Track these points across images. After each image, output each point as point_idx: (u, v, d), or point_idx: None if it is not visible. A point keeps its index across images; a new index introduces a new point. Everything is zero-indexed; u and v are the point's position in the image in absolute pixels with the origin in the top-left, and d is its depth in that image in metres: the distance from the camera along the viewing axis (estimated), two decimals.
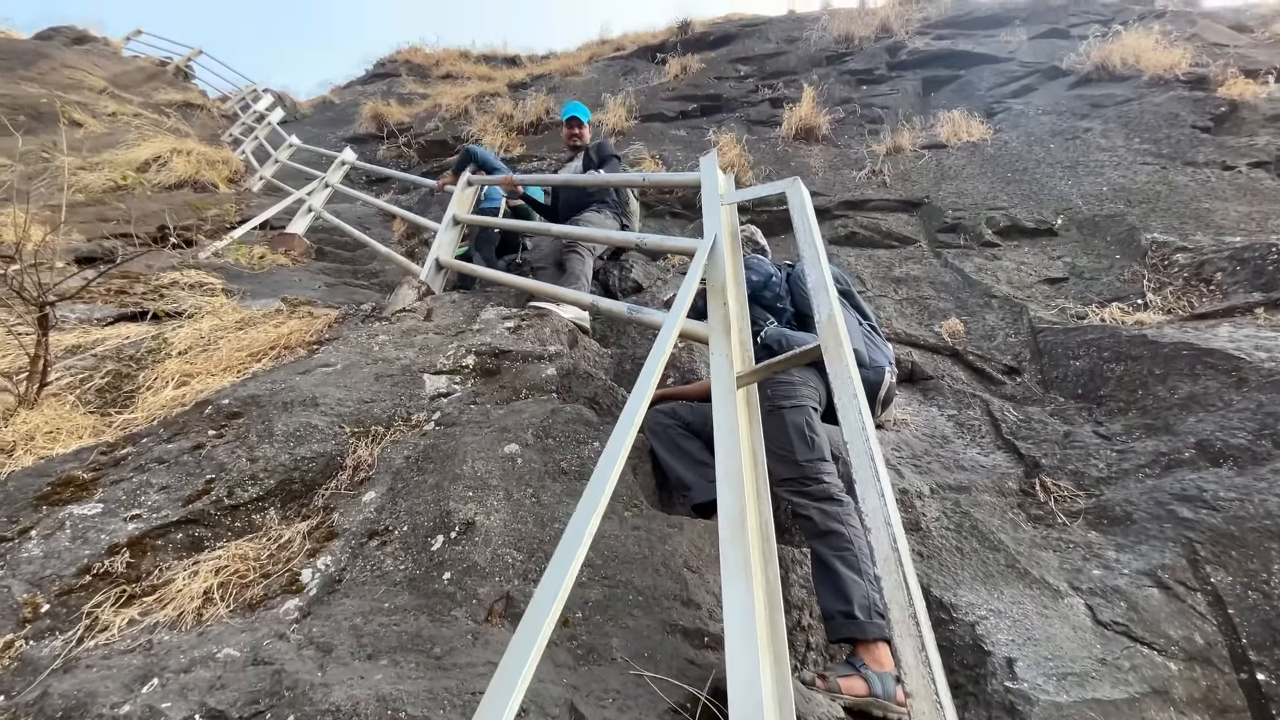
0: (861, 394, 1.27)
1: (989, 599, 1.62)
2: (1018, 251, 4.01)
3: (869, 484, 1.13)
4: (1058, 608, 1.61)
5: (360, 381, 2.18)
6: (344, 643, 1.19)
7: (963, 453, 2.43)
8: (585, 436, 1.87)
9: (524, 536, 1.48)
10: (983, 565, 1.76)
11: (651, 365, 1.35)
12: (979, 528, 1.91)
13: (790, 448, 1.71)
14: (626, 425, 1.19)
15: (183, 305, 3.67)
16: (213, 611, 1.33)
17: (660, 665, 1.20)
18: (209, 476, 1.67)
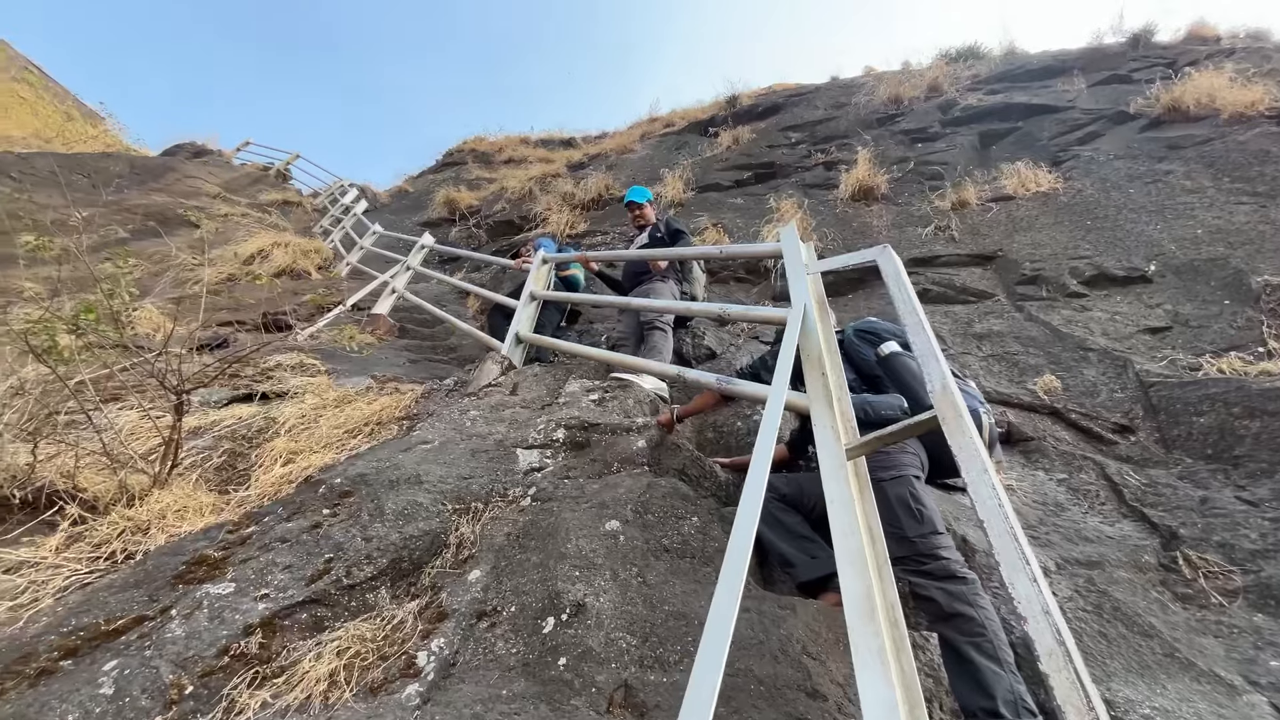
0: (992, 467, 1.21)
1: (1150, 695, 1.45)
2: (1109, 301, 3.82)
3: (1017, 568, 1.05)
4: (1236, 706, 1.41)
5: (458, 458, 2.26)
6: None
7: (1083, 521, 2.24)
8: (683, 511, 1.85)
9: (636, 619, 1.45)
10: (1135, 654, 1.58)
11: (765, 443, 1.34)
12: (1122, 609, 1.73)
13: (898, 523, 1.63)
14: (750, 512, 1.17)
15: (286, 385, 3.95)
16: (338, 695, 1.35)
17: None
18: (328, 556, 1.74)
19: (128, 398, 3.62)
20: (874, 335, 2.10)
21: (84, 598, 1.81)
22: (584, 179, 9.49)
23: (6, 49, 21.45)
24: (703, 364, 3.52)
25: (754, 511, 1.16)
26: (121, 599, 1.72)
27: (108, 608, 1.68)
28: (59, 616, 1.71)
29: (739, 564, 1.06)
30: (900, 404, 1.85)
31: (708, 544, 1.74)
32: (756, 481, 1.23)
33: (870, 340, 2.10)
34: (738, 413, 2.84)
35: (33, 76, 21.54)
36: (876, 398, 1.86)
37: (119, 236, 8.14)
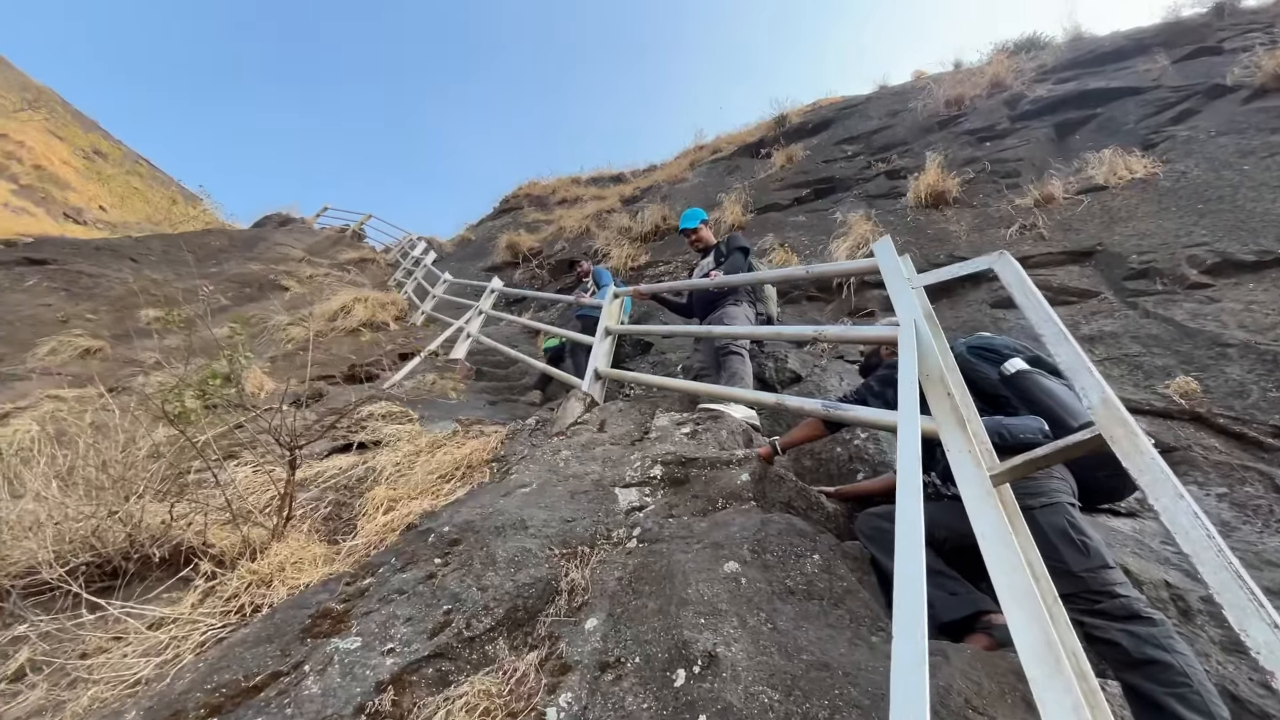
0: (1186, 493, 1.06)
1: None
2: (1240, 289, 3.44)
3: (1247, 610, 0.90)
4: None
5: (558, 500, 2.24)
6: None
7: (1260, 543, 1.96)
8: (803, 549, 1.74)
9: (774, 671, 1.36)
10: None
11: (909, 477, 1.23)
12: None
13: (1059, 556, 1.47)
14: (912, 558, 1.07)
15: (380, 434, 4.12)
16: None
17: None
18: (446, 607, 1.73)
19: (242, 454, 3.87)
20: (993, 352, 1.95)
21: (221, 653, 1.89)
22: (639, 211, 9.62)
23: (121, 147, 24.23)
24: (788, 388, 3.40)
25: (916, 557, 1.06)
26: (256, 654, 1.77)
27: (245, 664, 1.73)
28: (201, 673, 1.78)
29: (914, 622, 0.96)
30: (1040, 427, 1.68)
31: (834, 584, 1.63)
32: (911, 521, 1.13)
33: (989, 358, 1.94)
34: (836, 438, 2.70)
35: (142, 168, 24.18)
36: (1012, 420, 1.71)
37: (222, 304, 8.88)
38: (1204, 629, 1.60)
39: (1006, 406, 1.83)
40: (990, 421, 1.69)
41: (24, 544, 2.36)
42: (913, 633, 0.91)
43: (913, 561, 1.04)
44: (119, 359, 6.22)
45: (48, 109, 21.67)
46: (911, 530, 1.10)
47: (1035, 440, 1.62)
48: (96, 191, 18.96)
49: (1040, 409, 1.71)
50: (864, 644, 1.44)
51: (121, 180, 21.18)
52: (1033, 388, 1.75)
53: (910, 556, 1.05)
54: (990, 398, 1.86)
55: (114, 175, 21.02)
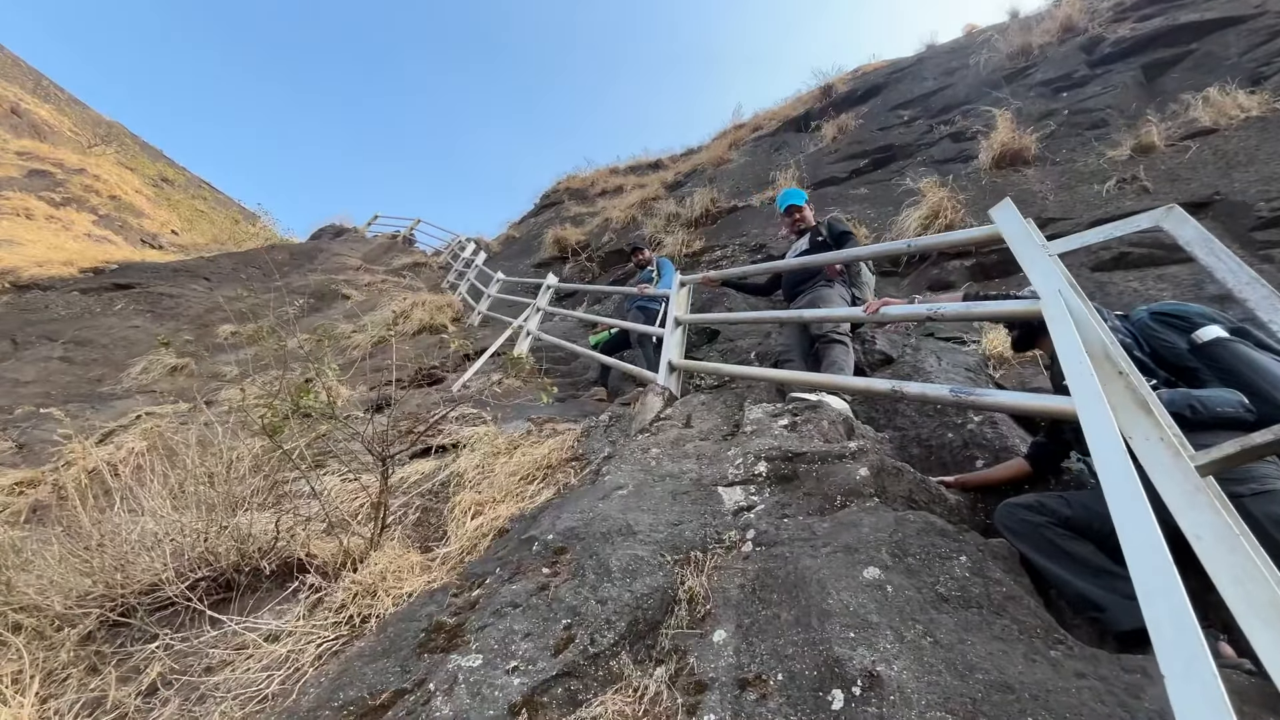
0: None
1: None
2: None
3: None
4: None
5: (660, 503, 2.15)
6: None
7: None
8: (946, 550, 1.58)
9: (949, 694, 1.22)
10: None
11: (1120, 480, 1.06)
12: None
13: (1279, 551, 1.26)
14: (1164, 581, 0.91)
15: (457, 437, 4.14)
16: None
17: None
18: (566, 621, 1.67)
19: (327, 463, 3.95)
20: (1182, 319, 1.74)
21: (340, 667, 1.88)
22: (686, 197, 9.42)
23: (185, 173, 25.59)
24: (878, 371, 3.20)
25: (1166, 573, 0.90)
26: (376, 670, 1.75)
27: (366, 680, 1.71)
28: (324, 689, 1.77)
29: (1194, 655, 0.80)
30: (1240, 400, 1.47)
31: (991, 589, 1.47)
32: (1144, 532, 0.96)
33: (1178, 325, 1.73)
34: (946, 423, 2.50)
35: (206, 192, 25.48)
36: (1205, 393, 1.50)
37: (289, 316, 9.23)
38: None
39: (1194, 380, 1.62)
40: (1179, 393, 1.49)
41: (144, 561, 2.44)
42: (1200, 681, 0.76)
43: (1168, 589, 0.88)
44: (204, 374, 6.53)
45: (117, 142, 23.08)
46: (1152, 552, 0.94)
47: (1238, 415, 1.42)
48: (167, 217, 20.09)
49: (1240, 381, 1.51)
50: (1042, 659, 1.28)
51: (188, 204, 22.38)
52: (1233, 358, 1.55)
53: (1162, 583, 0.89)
54: (1175, 369, 1.66)
55: (181, 200, 22.24)
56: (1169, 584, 0.84)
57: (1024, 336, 2.12)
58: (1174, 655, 0.79)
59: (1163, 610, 0.85)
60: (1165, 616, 0.84)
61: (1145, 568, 0.91)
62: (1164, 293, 3.38)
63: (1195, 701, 0.74)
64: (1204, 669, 0.76)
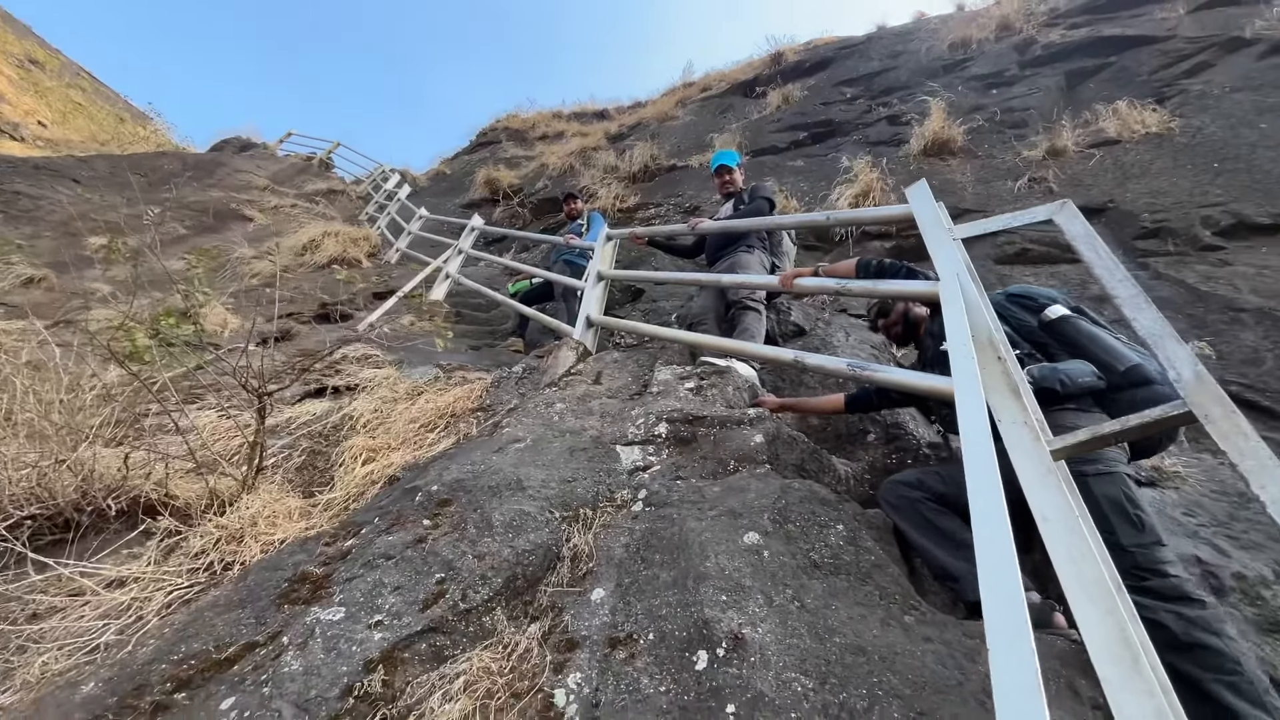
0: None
1: None
2: (1254, 253, 3.35)
3: None
4: None
5: (556, 458, 2.09)
6: None
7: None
8: (826, 519, 1.63)
9: (806, 655, 1.25)
10: None
11: (980, 458, 1.09)
12: None
13: (1110, 528, 1.37)
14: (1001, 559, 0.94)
15: (355, 379, 3.88)
16: None
17: None
18: (439, 576, 1.59)
19: (205, 398, 3.61)
20: (1032, 299, 1.91)
21: (189, 618, 1.72)
22: (627, 150, 9.14)
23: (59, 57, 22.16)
24: (790, 341, 3.25)
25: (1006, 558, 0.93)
26: (228, 621, 1.61)
27: (215, 632, 1.58)
28: (167, 640, 1.62)
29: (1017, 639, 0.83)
30: (1091, 370, 1.64)
31: (861, 557, 1.52)
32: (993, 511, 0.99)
33: (1029, 306, 1.89)
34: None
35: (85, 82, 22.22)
36: (1066, 366, 1.63)
37: (179, 234, 8.29)
38: (1238, 607, 1.56)
39: (1045, 353, 1.77)
40: (1045, 369, 1.60)
41: None
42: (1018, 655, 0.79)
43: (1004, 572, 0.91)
44: (65, 290, 5.76)
45: None
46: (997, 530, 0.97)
47: (1094, 384, 1.58)
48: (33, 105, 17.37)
49: (1084, 353, 1.69)
50: (897, 625, 1.34)
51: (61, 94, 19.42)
52: (1076, 333, 1.74)
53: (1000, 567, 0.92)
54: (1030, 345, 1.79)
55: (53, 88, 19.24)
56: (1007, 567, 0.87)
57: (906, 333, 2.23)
58: (1000, 632, 0.82)
59: (998, 592, 0.88)
60: (999, 597, 0.87)
61: (988, 547, 0.94)
62: (1053, 288, 3.61)
63: (1012, 676, 0.77)
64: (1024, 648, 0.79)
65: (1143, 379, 1.56)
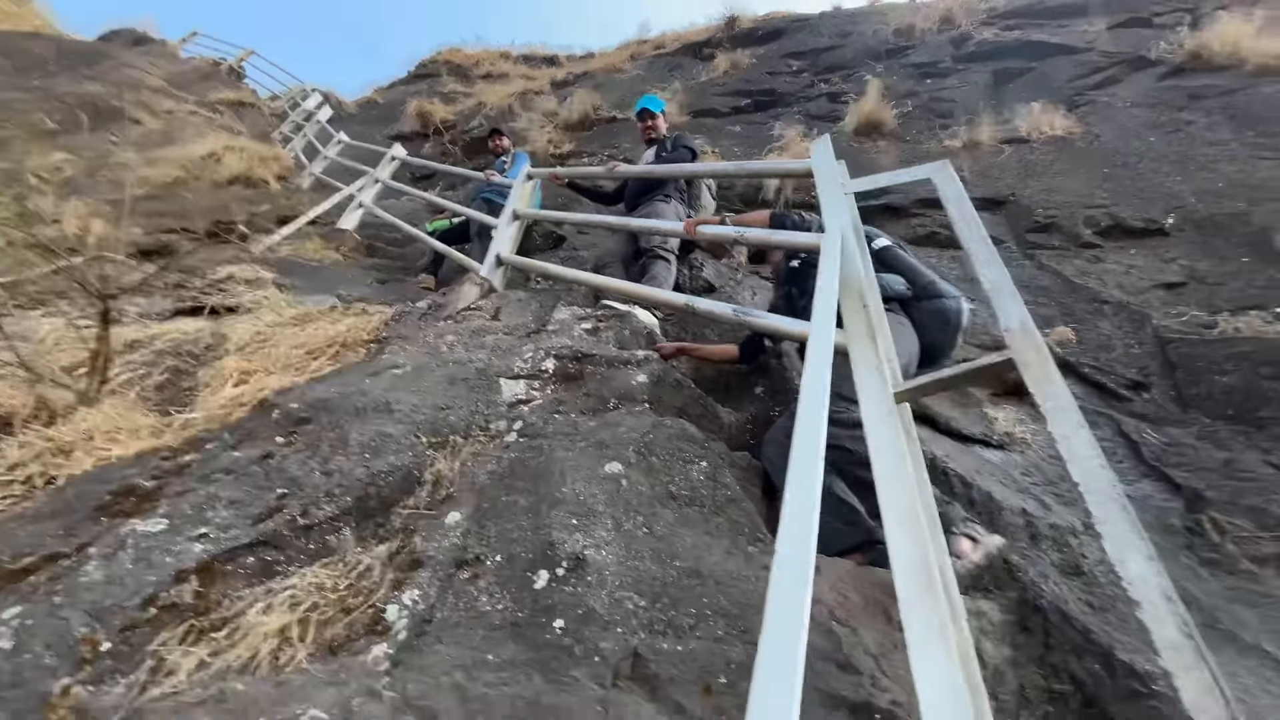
0: (1086, 425, 1.02)
1: None
2: (1124, 254, 3.65)
3: (1128, 542, 0.87)
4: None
5: (433, 385, 2.00)
6: (449, 709, 0.99)
7: None
8: (691, 455, 1.64)
9: (644, 577, 1.27)
10: None
11: (815, 392, 1.11)
12: None
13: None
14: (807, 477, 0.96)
15: (239, 300, 3.58)
16: (290, 654, 1.15)
17: None
18: (281, 491, 1.49)
19: (54, 304, 3.23)
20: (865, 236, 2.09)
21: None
22: (569, 98, 8.80)
23: None
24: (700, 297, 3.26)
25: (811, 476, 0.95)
26: (33, 533, 1.46)
27: (15, 543, 1.42)
28: None
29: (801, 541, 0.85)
30: (902, 281, 1.90)
31: (718, 491, 1.55)
32: (811, 439, 1.02)
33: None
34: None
35: None
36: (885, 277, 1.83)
37: (47, 128, 7.28)
38: (1047, 553, 1.72)
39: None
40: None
41: None
42: (797, 553, 0.81)
43: (806, 481, 0.93)
44: None
45: None
46: (810, 448, 0.99)
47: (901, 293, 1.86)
48: None
49: (901, 271, 1.95)
50: (740, 553, 1.38)
51: None
52: (893, 258, 2.00)
53: (804, 475, 0.95)
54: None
55: None
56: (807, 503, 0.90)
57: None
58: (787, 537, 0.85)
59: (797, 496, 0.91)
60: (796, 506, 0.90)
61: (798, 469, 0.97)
62: (953, 269, 3.80)
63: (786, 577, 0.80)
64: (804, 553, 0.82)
65: (936, 293, 1.92)
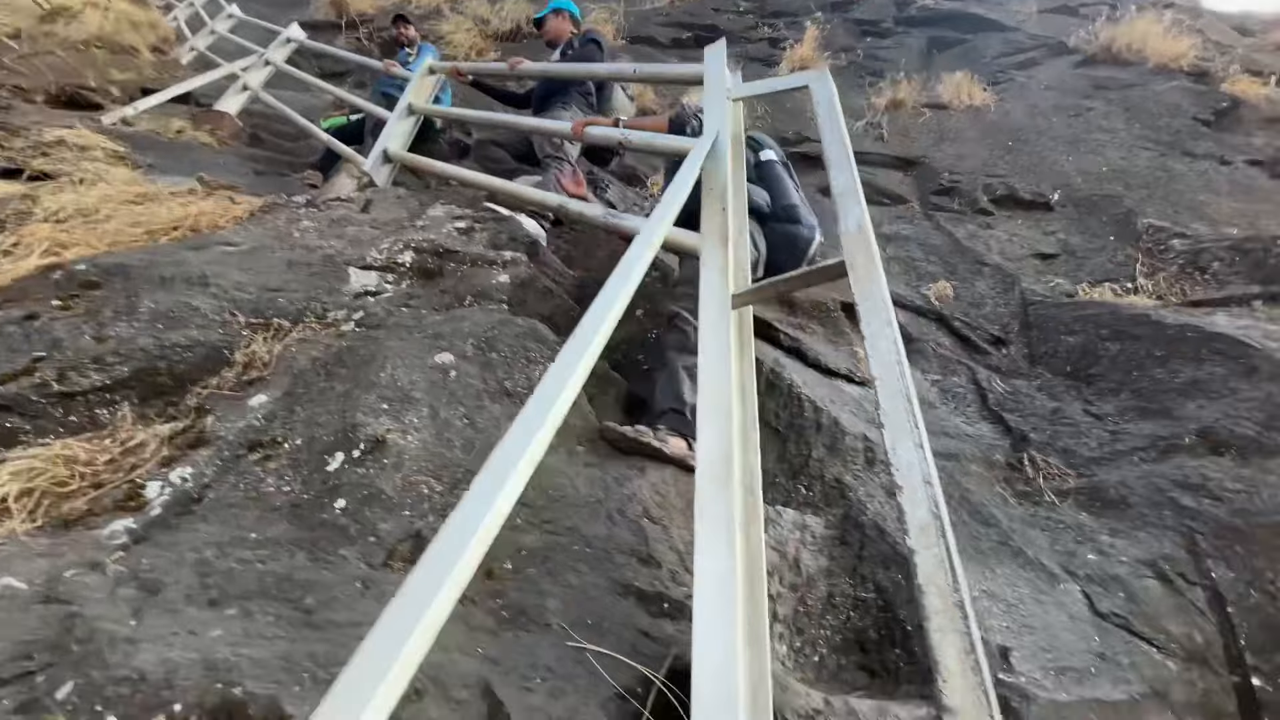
0: (895, 325, 1.01)
1: (980, 579, 1.44)
2: (1011, 222, 3.83)
3: (903, 430, 0.87)
4: (1054, 593, 1.44)
5: (269, 267, 1.79)
6: (180, 581, 0.87)
7: (948, 419, 2.25)
8: (538, 355, 1.56)
9: (448, 464, 1.18)
10: (973, 540, 1.58)
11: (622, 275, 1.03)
12: (969, 499, 1.73)
13: None
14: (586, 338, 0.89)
15: (67, 169, 3.08)
16: (7, 526, 0.98)
17: (608, 637, 0.95)
18: (39, 354, 1.28)
19: None
20: (757, 142, 2.13)
21: None
22: (502, 3, 8.11)
23: None
24: None
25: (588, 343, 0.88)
26: None
27: None
28: None
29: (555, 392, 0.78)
30: (766, 198, 1.90)
31: None
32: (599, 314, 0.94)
33: (752, 145, 2.09)
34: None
35: None
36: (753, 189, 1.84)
37: None
38: (878, 475, 1.80)
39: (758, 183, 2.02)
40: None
41: None
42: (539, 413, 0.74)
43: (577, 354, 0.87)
44: None
45: None
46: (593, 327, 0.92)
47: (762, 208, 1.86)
48: None
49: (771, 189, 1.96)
50: (564, 451, 1.33)
51: None
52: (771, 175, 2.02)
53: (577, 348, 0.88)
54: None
55: None
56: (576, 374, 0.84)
57: None
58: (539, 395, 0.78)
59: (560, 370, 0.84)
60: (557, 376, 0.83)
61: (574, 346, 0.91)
62: None
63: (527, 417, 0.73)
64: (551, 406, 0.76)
65: (794, 218, 1.94)
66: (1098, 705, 1.18)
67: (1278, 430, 1.75)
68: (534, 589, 0.99)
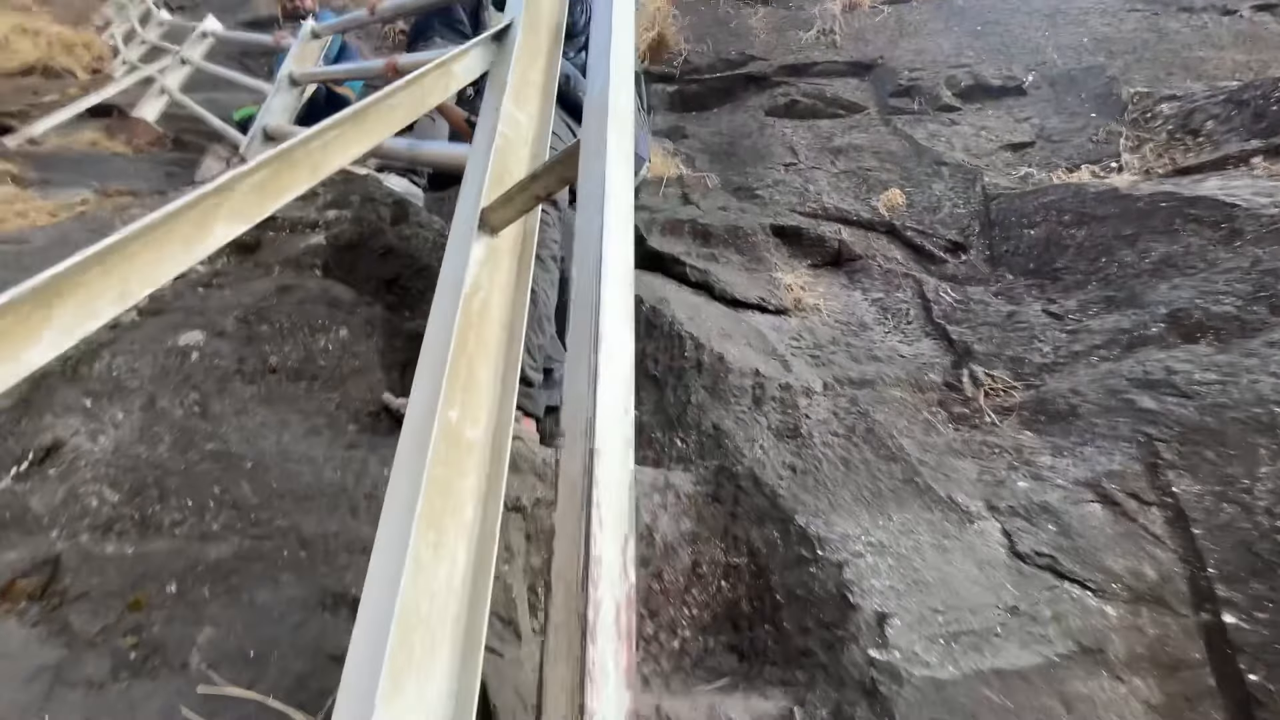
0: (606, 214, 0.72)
1: (870, 528, 1.17)
2: (979, 115, 3.39)
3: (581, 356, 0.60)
4: (963, 536, 1.16)
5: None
6: None
7: (881, 341, 1.94)
8: (328, 322, 1.32)
9: (144, 464, 0.96)
10: (871, 481, 1.30)
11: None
12: (876, 432, 1.43)
13: None
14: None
15: None
16: None
17: (270, 670, 0.72)
18: None
19: None
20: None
21: None
22: None
23: None
24: None
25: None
26: None
27: None
28: None
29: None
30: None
31: (344, 363, 1.24)
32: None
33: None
34: None
35: None
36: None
37: None
38: (767, 415, 1.52)
39: None
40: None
41: None
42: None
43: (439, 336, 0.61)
44: None
45: None
46: None
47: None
48: None
49: None
50: (328, 432, 1.09)
51: None
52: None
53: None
54: None
55: None
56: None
57: None
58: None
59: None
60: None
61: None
62: (803, 139, 3.48)
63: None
64: None
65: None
66: (998, 678, 0.91)
67: (1263, 302, 1.40)
68: (192, 617, 0.77)
